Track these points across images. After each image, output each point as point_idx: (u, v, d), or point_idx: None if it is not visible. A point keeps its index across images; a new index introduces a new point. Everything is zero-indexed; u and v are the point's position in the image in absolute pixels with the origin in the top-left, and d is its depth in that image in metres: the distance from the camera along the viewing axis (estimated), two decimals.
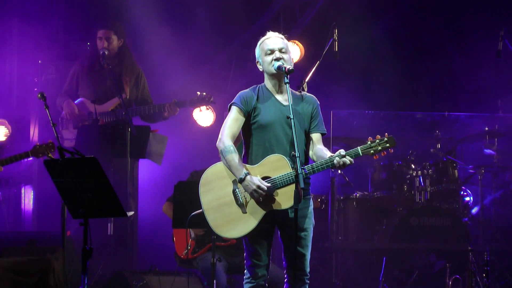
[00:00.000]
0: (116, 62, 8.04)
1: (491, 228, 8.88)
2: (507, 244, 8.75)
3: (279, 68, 5.06)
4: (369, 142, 5.05)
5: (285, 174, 4.97)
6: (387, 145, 5.05)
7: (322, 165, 5.00)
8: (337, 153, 4.96)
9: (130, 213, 6.37)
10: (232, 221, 5.02)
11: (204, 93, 7.90)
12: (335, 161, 4.95)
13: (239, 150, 5.17)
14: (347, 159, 4.94)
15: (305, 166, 4.99)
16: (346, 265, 8.67)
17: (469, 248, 7.14)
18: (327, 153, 5.06)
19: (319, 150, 5.13)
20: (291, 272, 5.09)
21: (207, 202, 5.08)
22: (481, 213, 8.74)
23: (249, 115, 5.14)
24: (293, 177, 4.94)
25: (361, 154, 4.99)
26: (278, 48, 5.13)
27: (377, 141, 5.05)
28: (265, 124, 5.12)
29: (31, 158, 7.27)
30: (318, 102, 5.27)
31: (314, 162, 5.10)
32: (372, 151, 5.03)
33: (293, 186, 4.94)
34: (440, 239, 8.35)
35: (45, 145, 7.10)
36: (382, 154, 5.06)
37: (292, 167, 4.97)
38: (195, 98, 7.89)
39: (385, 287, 7.93)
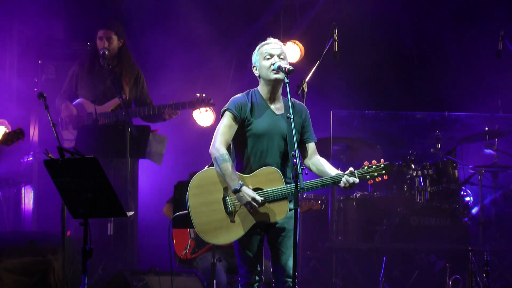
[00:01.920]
0: (116, 63, 8.04)
1: (491, 228, 8.88)
2: (507, 244, 8.75)
3: (279, 68, 5.05)
4: (365, 167, 5.05)
5: (278, 188, 4.99)
6: (383, 172, 5.05)
7: (323, 182, 5.03)
8: (347, 172, 4.99)
9: (130, 213, 6.38)
10: (219, 228, 5.03)
11: (204, 95, 7.91)
12: (342, 181, 4.97)
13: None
14: (356, 179, 4.96)
15: (305, 182, 4.98)
16: (346, 265, 8.67)
17: (469, 248, 7.13)
18: (330, 169, 5.08)
19: (319, 163, 5.14)
20: (278, 276, 5.12)
21: (194, 205, 5.07)
22: (481, 213, 8.74)
23: (242, 122, 5.11)
24: (286, 192, 4.97)
25: (356, 178, 5.00)
26: (277, 54, 5.12)
27: (374, 167, 5.05)
28: (258, 134, 5.09)
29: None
30: (308, 111, 5.26)
31: (313, 172, 5.14)
32: (368, 176, 5.05)
33: (285, 202, 4.98)
34: (440, 239, 8.35)
35: (14, 132, 7.00)
36: (377, 180, 5.07)
37: (284, 182, 5.00)
38: (194, 100, 7.89)
39: (385, 287, 7.93)
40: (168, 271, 7.09)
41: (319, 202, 8.71)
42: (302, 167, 4.83)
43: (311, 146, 5.21)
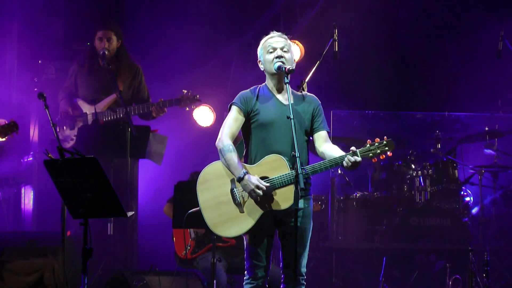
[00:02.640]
0: (113, 62, 8.02)
1: (491, 228, 8.88)
2: (507, 244, 8.74)
3: (279, 68, 5.06)
4: (368, 145, 5.02)
5: (283, 175, 4.96)
6: (386, 148, 5.02)
7: (326, 164, 5.00)
8: (349, 152, 4.96)
9: (130, 213, 6.35)
10: (229, 220, 5.03)
11: (190, 91, 7.89)
12: (345, 160, 4.94)
13: (239, 149, 5.16)
14: (357, 157, 4.94)
15: (306, 166, 4.99)
16: (346, 265, 8.67)
17: (469, 248, 7.13)
18: (338, 153, 5.04)
19: (329, 149, 5.10)
20: (287, 272, 5.11)
21: (204, 200, 5.08)
22: (481, 213, 8.73)
23: (248, 115, 5.14)
24: (292, 177, 4.94)
25: (359, 156, 4.97)
26: (280, 47, 5.13)
27: (376, 144, 5.02)
28: (265, 124, 5.11)
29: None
30: (319, 102, 5.27)
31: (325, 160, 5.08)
32: (371, 154, 5.01)
33: (291, 187, 4.94)
34: (440, 239, 8.35)
35: (7, 125, 7.00)
36: (381, 158, 5.04)
37: (290, 168, 4.97)
38: (180, 97, 7.88)
39: (385, 287, 7.93)
40: (168, 271, 7.10)
41: (319, 203, 8.72)
42: (302, 167, 4.83)
43: (322, 134, 5.19)
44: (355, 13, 9.52)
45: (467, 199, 8.81)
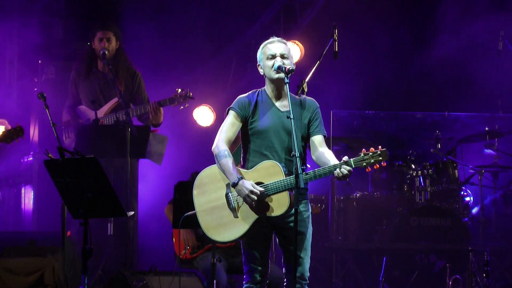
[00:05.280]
0: (112, 63, 8.02)
1: (491, 228, 8.89)
2: (507, 244, 8.75)
3: (279, 68, 5.04)
4: (362, 154, 5.01)
5: (278, 181, 4.95)
6: (380, 158, 5.00)
7: (320, 172, 4.97)
8: (341, 161, 4.95)
9: (130, 213, 6.36)
10: (223, 225, 5.03)
11: (183, 90, 7.87)
12: (336, 171, 4.94)
13: (237, 153, 5.16)
14: (346, 169, 4.92)
15: (307, 172, 4.97)
16: (346, 265, 8.68)
17: (469, 248, 7.13)
18: (331, 159, 5.04)
19: (323, 155, 5.09)
20: (289, 277, 5.09)
21: (199, 204, 5.08)
22: (481, 213, 8.74)
23: (246, 121, 5.13)
24: (286, 184, 4.93)
25: (353, 166, 4.95)
26: (280, 54, 5.10)
27: (370, 153, 5.00)
28: (261, 130, 5.09)
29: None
30: (318, 105, 5.23)
31: (318, 165, 5.07)
32: (364, 164, 4.99)
33: (286, 193, 4.93)
34: (440, 239, 8.35)
35: (13, 130, 6.97)
36: (375, 167, 5.03)
37: (286, 174, 4.97)
38: (174, 96, 7.87)
39: (385, 287, 7.94)
40: (168, 271, 7.10)
41: (319, 205, 8.71)
42: (303, 167, 4.83)
43: (317, 139, 5.16)
44: (355, 13, 9.52)
45: (467, 199, 8.82)
